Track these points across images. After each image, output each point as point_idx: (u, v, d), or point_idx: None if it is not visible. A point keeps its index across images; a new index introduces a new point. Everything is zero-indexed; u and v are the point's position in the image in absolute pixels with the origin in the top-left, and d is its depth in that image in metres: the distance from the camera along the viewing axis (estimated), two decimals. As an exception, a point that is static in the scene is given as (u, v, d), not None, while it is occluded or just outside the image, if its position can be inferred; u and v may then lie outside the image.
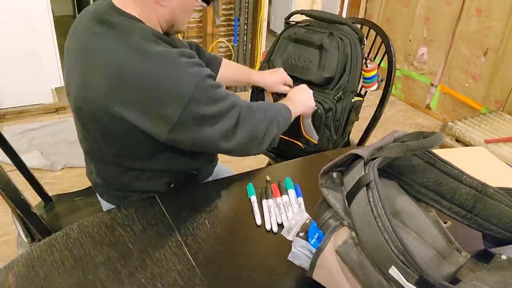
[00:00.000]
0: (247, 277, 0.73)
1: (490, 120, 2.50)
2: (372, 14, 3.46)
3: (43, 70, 2.61)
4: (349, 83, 1.39)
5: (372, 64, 1.45)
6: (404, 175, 0.76)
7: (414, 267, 0.53)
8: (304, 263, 0.72)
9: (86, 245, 0.76)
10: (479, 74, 2.72)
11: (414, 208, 0.75)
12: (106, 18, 0.83)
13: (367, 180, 0.58)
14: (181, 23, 0.93)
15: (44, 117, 2.63)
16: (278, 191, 0.94)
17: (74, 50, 0.89)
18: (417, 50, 3.11)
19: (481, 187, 0.75)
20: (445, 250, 0.72)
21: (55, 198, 1.20)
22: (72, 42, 0.91)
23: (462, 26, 2.77)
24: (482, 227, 0.77)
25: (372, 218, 0.56)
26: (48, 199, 1.19)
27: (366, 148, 0.64)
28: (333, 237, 0.64)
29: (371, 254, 0.57)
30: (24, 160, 1.12)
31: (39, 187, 1.17)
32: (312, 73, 1.40)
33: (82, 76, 0.84)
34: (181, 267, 0.73)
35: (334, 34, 1.39)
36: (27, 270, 0.70)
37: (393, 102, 3.31)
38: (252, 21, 3.08)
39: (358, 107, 1.48)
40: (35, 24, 2.49)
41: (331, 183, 0.66)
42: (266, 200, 0.91)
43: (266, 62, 1.54)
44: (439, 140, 0.61)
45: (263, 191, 0.94)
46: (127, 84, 0.79)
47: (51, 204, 1.18)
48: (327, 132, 1.42)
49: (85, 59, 0.84)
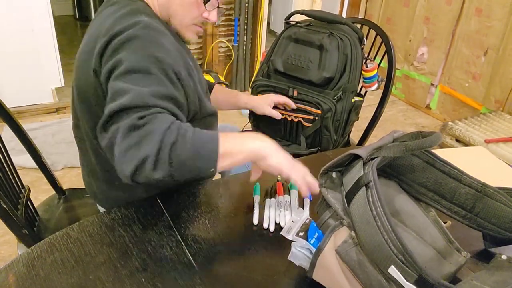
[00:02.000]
0: (247, 277, 0.73)
1: (490, 120, 2.50)
2: (372, 14, 3.46)
3: (43, 70, 2.61)
4: (349, 83, 1.39)
5: (372, 64, 1.45)
6: (404, 175, 0.76)
7: (414, 267, 0.53)
8: (304, 263, 0.72)
9: (87, 245, 0.76)
10: (479, 74, 2.72)
11: (413, 208, 0.75)
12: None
13: (366, 180, 0.58)
14: (178, 17, 0.94)
15: (44, 117, 2.63)
16: (282, 190, 0.94)
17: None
18: (417, 50, 3.11)
19: (481, 187, 0.75)
20: (445, 249, 0.72)
21: (69, 192, 1.28)
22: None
23: (462, 26, 2.77)
24: (482, 227, 0.77)
25: (371, 217, 0.56)
26: (62, 193, 1.27)
27: (365, 148, 0.64)
28: (333, 237, 0.64)
29: (371, 253, 0.57)
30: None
31: (54, 181, 1.25)
32: (312, 73, 1.40)
33: (79, 50, 0.91)
34: (181, 267, 0.73)
35: (334, 34, 1.39)
36: (28, 270, 0.70)
37: (393, 102, 3.31)
38: (252, 21, 3.08)
39: (358, 107, 1.48)
40: (35, 24, 2.49)
41: (330, 183, 0.66)
42: (269, 199, 0.91)
43: (266, 62, 1.54)
44: (438, 140, 0.62)
45: (269, 190, 0.95)
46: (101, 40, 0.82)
47: (65, 197, 1.27)
48: (326, 133, 1.42)
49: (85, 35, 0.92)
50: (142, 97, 0.74)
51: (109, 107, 0.75)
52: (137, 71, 0.77)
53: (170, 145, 0.71)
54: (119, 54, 0.79)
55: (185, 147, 0.72)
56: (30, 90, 2.62)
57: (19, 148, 1.14)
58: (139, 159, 0.70)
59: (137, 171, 0.70)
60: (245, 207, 0.91)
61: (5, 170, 1.02)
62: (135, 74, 0.77)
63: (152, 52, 0.80)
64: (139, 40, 0.80)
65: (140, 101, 0.74)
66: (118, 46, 0.80)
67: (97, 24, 0.89)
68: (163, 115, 0.75)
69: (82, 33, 2.25)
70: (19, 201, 1.06)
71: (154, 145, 0.70)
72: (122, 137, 0.71)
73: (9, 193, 0.99)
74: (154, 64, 0.79)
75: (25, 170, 1.99)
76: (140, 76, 0.77)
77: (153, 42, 0.82)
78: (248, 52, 3.19)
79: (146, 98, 0.75)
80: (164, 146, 0.70)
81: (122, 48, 0.79)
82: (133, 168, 0.70)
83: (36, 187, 1.83)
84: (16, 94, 2.59)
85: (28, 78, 2.58)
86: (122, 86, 0.76)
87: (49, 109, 2.68)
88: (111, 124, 0.75)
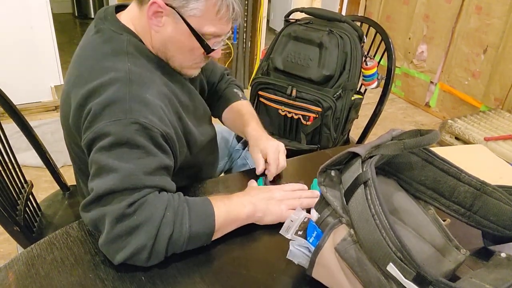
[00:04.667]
0: (246, 275, 0.73)
1: (489, 118, 2.50)
2: (372, 11, 3.46)
3: (42, 68, 2.61)
4: (349, 81, 1.40)
5: (372, 62, 1.45)
6: (403, 173, 0.76)
7: (412, 264, 0.53)
8: (303, 261, 0.72)
9: (87, 244, 0.76)
10: (478, 72, 2.72)
11: (412, 206, 0.76)
12: (99, 22, 0.86)
13: (364, 178, 0.59)
14: (176, 60, 0.87)
15: (43, 115, 2.63)
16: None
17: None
18: (417, 48, 3.10)
19: (480, 185, 0.75)
20: (444, 247, 0.72)
21: (73, 188, 1.28)
22: None
23: (462, 24, 2.76)
24: (481, 225, 0.77)
25: (370, 215, 0.56)
26: (66, 188, 1.27)
27: (363, 146, 0.64)
28: (332, 235, 0.64)
29: (370, 251, 0.57)
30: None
31: (58, 177, 1.26)
32: (312, 71, 1.40)
33: (65, 80, 0.87)
34: (181, 265, 0.73)
35: (333, 32, 1.39)
36: (28, 268, 0.70)
37: (392, 100, 3.31)
38: (251, 19, 3.07)
39: (358, 105, 1.48)
40: (34, 22, 2.48)
41: (329, 181, 0.66)
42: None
43: (266, 60, 1.54)
44: (436, 138, 0.62)
45: None
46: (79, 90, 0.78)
47: (69, 193, 1.27)
48: (326, 130, 1.42)
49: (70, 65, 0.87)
50: (131, 178, 0.70)
51: (95, 188, 0.70)
52: (122, 144, 0.71)
53: (167, 239, 0.69)
54: (100, 123, 0.72)
55: (181, 237, 0.71)
56: (29, 88, 2.61)
57: (18, 146, 1.14)
58: (132, 250, 0.68)
59: (129, 260, 0.69)
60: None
61: (3, 166, 1.02)
62: (120, 148, 0.71)
63: (136, 118, 0.72)
64: (120, 105, 0.73)
65: (129, 183, 0.69)
66: (98, 113, 0.73)
67: (80, 58, 0.84)
68: (155, 198, 0.71)
69: (81, 31, 2.23)
70: (20, 196, 1.06)
71: (148, 238, 0.68)
72: (110, 226, 0.68)
73: (4, 190, 0.99)
74: (140, 132, 0.73)
75: (24, 168, 1.98)
76: (127, 150, 0.71)
77: (136, 102, 0.74)
78: (247, 50, 3.18)
79: (134, 178, 0.70)
80: (161, 240, 0.69)
81: (102, 116, 0.72)
82: (125, 257, 0.68)
83: (36, 185, 1.83)
84: (15, 92, 2.55)
85: (27, 76, 2.58)
86: (107, 163, 0.70)
87: (48, 107, 2.68)
88: (96, 206, 0.70)
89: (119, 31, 0.84)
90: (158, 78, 0.84)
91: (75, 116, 0.78)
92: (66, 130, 0.88)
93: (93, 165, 0.73)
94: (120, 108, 0.73)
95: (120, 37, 0.83)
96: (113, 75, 0.76)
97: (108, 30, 0.84)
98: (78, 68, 0.83)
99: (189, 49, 0.84)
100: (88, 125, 0.74)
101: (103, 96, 0.74)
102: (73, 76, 0.82)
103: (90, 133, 0.73)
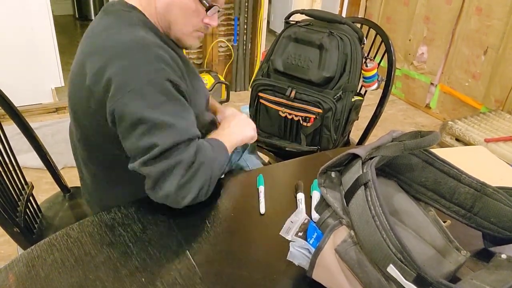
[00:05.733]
0: (247, 276, 0.73)
1: (490, 119, 2.50)
2: (372, 13, 3.46)
3: (43, 70, 2.61)
4: (349, 83, 1.40)
5: (372, 64, 1.45)
6: (403, 174, 0.76)
7: (412, 265, 0.53)
8: (303, 262, 0.72)
9: (87, 245, 0.76)
10: (479, 73, 2.72)
11: (413, 207, 0.76)
12: (108, 6, 0.92)
13: (365, 179, 0.59)
14: (177, 25, 0.91)
15: (44, 116, 2.63)
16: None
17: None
18: (417, 49, 3.11)
19: (480, 186, 0.75)
20: (444, 248, 0.72)
21: (73, 190, 1.29)
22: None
23: (462, 25, 2.77)
24: (481, 226, 0.77)
25: (370, 217, 0.56)
26: (66, 190, 1.28)
27: (364, 148, 0.64)
28: (332, 236, 0.64)
29: (370, 252, 0.57)
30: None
31: (58, 178, 1.26)
32: (312, 72, 1.40)
33: (75, 60, 0.90)
34: (181, 266, 0.73)
35: (334, 34, 1.39)
36: (28, 269, 0.70)
37: (393, 101, 3.31)
38: (252, 21, 3.08)
39: (358, 107, 1.48)
40: (34, 24, 2.49)
41: (329, 182, 0.66)
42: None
43: (266, 61, 1.54)
44: (436, 139, 0.62)
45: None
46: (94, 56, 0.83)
47: (70, 194, 1.27)
48: (326, 132, 1.42)
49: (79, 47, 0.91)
50: (187, 130, 0.81)
51: (161, 143, 0.77)
52: (164, 101, 0.79)
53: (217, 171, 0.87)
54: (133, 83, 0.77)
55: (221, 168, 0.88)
56: (30, 90, 2.62)
57: (19, 147, 1.14)
58: (197, 190, 0.81)
59: (194, 200, 0.81)
60: (244, 207, 0.91)
61: (3, 168, 1.02)
62: (165, 104, 0.79)
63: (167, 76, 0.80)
64: (149, 66, 0.79)
65: (187, 134, 0.81)
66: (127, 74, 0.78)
67: (94, 34, 0.88)
68: (201, 144, 0.84)
69: (82, 33, 2.24)
70: (20, 198, 1.06)
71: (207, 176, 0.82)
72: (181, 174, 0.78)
73: (5, 191, 0.99)
74: (175, 88, 0.82)
75: (25, 170, 1.98)
76: (171, 105, 0.80)
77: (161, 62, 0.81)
78: (248, 51, 3.19)
79: (189, 130, 0.82)
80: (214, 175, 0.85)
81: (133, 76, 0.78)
82: (192, 198, 0.80)
83: (36, 186, 1.83)
84: (16, 94, 2.56)
85: (28, 78, 2.58)
86: (163, 119, 0.78)
87: (49, 109, 2.68)
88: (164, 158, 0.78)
89: (127, 9, 0.90)
90: (168, 49, 0.89)
91: (96, 81, 0.81)
92: (79, 104, 0.88)
93: (139, 125, 0.77)
94: (150, 67, 0.79)
95: (129, 14, 0.89)
96: (133, 37, 0.82)
97: (117, 10, 0.90)
98: (93, 41, 0.86)
99: (191, 11, 0.90)
100: (118, 88, 0.78)
101: (129, 58, 0.79)
102: (87, 47, 0.86)
103: (123, 95, 0.77)
